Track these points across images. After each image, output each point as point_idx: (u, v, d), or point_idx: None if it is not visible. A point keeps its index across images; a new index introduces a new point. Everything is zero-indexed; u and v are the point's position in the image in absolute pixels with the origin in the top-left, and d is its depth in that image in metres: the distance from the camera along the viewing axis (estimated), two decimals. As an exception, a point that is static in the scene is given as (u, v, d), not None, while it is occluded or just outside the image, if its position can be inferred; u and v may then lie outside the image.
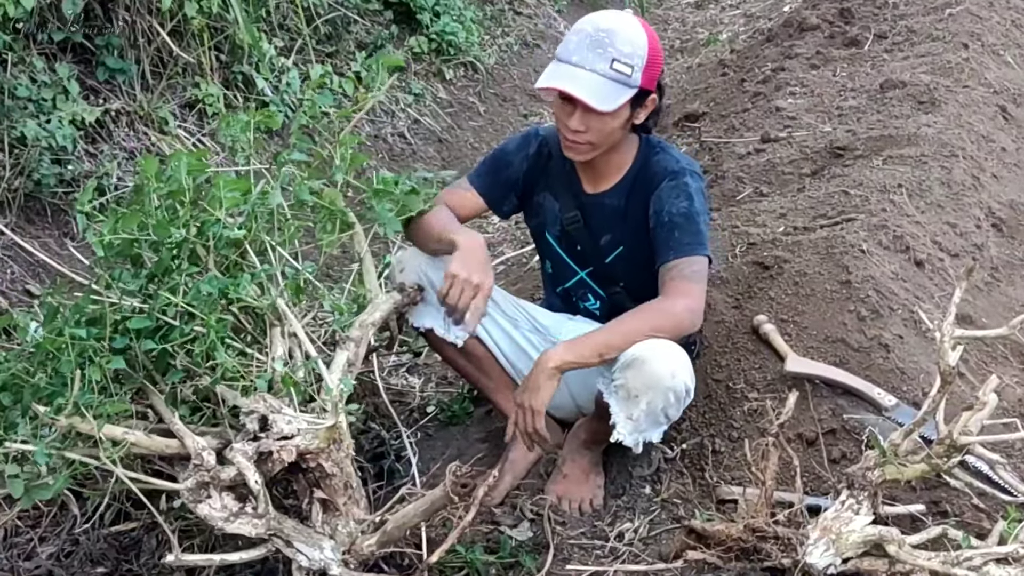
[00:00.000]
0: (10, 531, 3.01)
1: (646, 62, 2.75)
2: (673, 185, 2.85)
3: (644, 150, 2.96)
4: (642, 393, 2.72)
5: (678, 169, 2.87)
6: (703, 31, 8.46)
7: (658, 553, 2.75)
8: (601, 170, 2.97)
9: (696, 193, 2.84)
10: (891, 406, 3.00)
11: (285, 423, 2.41)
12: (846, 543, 2.46)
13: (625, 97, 2.75)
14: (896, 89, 5.09)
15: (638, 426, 2.78)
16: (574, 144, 2.84)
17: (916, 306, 3.37)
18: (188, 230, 2.59)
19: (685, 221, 2.79)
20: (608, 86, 2.73)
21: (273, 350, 2.54)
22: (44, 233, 4.41)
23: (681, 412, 2.86)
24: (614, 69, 2.72)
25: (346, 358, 2.64)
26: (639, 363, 2.70)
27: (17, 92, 4.46)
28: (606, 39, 2.73)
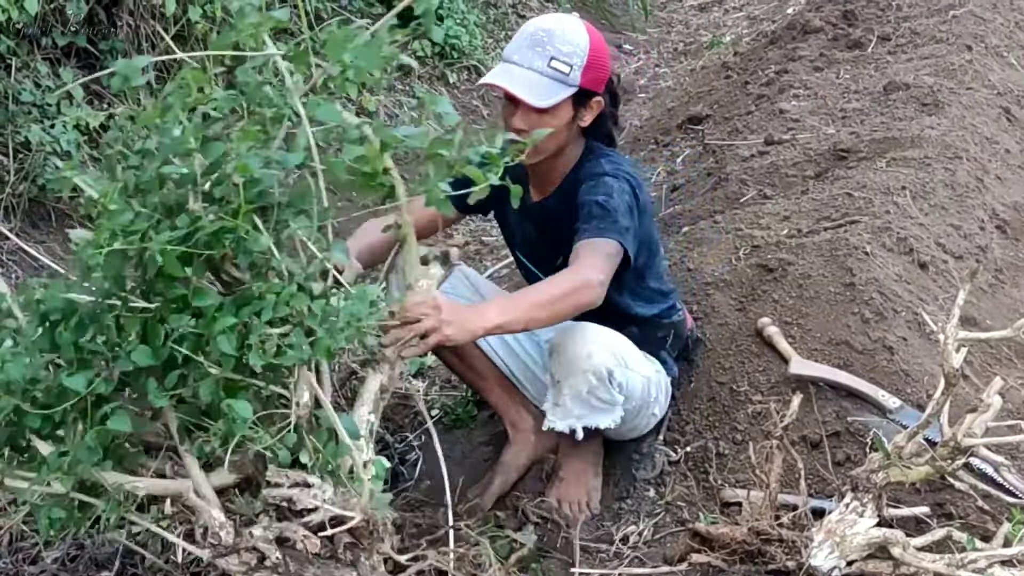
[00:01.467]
0: (15, 535, 3.01)
1: (586, 62, 2.75)
2: (593, 184, 2.81)
3: (584, 155, 2.93)
4: (563, 378, 2.78)
5: (601, 172, 2.84)
6: (706, 33, 8.45)
7: (662, 556, 2.75)
8: (547, 177, 2.95)
9: (619, 193, 2.77)
10: (895, 408, 3.00)
11: (311, 497, 2.28)
12: (850, 546, 2.46)
13: (562, 95, 2.74)
14: (900, 91, 5.08)
15: (568, 411, 2.81)
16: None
17: (920, 308, 3.36)
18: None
19: (600, 210, 2.73)
20: (545, 83, 2.73)
21: (298, 394, 2.29)
22: (49, 238, 4.43)
23: (624, 393, 2.82)
24: (552, 67, 2.73)
25: (379, 384, 2.44)
26: (559, 349, 2.77)
27: (21, 97, 4.49)
28: (545, 38, 2.75)
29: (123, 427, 2.20)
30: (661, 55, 8.20)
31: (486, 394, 3.18)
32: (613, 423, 2.85)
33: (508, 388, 3.14)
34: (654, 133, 5.99)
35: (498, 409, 3.18)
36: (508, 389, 3.14)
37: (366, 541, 2.32)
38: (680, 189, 4.96)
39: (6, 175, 4.36)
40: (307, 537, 2.26)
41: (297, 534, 2.26)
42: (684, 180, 5.07)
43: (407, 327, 2.39)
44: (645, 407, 2.97)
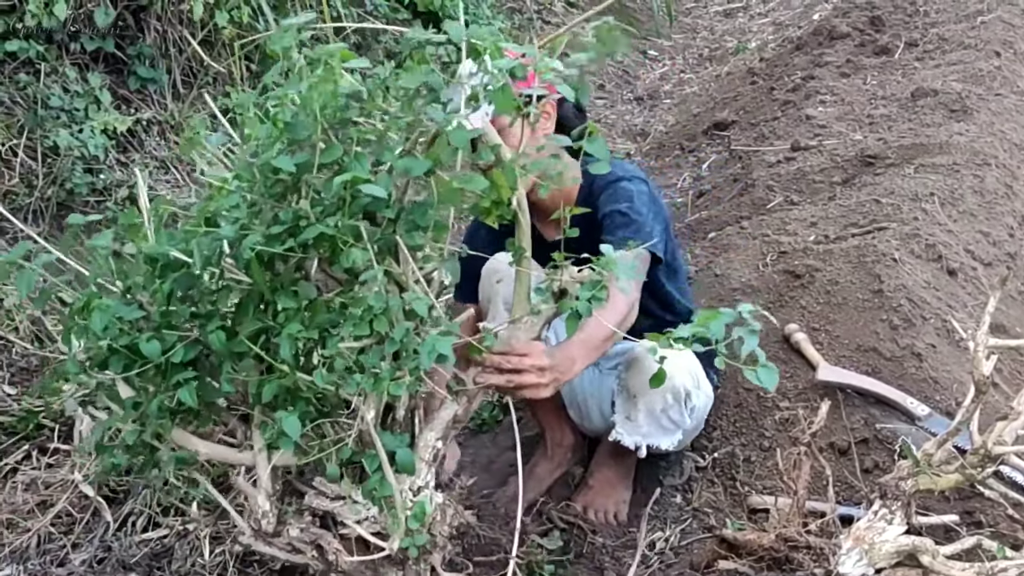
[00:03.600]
0: (43, 538, 3.04)
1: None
2: (610, 193, 2.79)
3: (587, 177, 2.83)
4: (640, 393, 2.77)
5: (612, 179, 2.79)
6: (732, 39, 8.44)
7: (689, 562, 2.74)
8: (549, 209, 2.75)
9: (637, 195, 2.76)
10: (924, 416, 2.99)
11: (353, 514, 2.28)
12: (879, 553, 2.45)
13: None
14: (927, 97, 5.07)
15: (637, 428, 2.82)
16: None
17: (949, 315, 3.35)
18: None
19: (623, 218, 2.72)
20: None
21: (362, 410, 2.20)
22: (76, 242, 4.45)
23: (691, 418, 2.86)
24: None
25: (453, 415, 2.35)
26: (638, 363, 2.76)
27: (50, 102, 4.52)
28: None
29: (189, 401, 2.19)
30: (686, 61, 8.19)
31: (537, 406, 3.15)
32: (672, 445, 2.87)
33: (558, 406, 3.13)
34: (680, 139, 5.99)
35: (542, 422, 3.18)
36: (557, 407, 3.13)
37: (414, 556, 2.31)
38: (706, 195, 4.96)
39: (35, 179, 4.39)
40: (339, 551, 2.27)
41: (331, 546, 2.27)
42: (710, 186, 5.07)
43: (505, 377, 2.33)
44: (698, 427, 3.00)
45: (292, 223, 2.07)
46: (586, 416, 3.11)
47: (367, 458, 2.22)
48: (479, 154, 2.18)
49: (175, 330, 2.21)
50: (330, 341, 2.11)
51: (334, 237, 2.05)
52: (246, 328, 2.16)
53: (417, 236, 2.17)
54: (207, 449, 2.35)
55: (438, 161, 2.11)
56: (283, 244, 2.06)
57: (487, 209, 2.22)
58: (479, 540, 2.54)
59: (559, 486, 3.11)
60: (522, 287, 2.39)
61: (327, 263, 2.19)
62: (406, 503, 2.25)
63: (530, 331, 2.37)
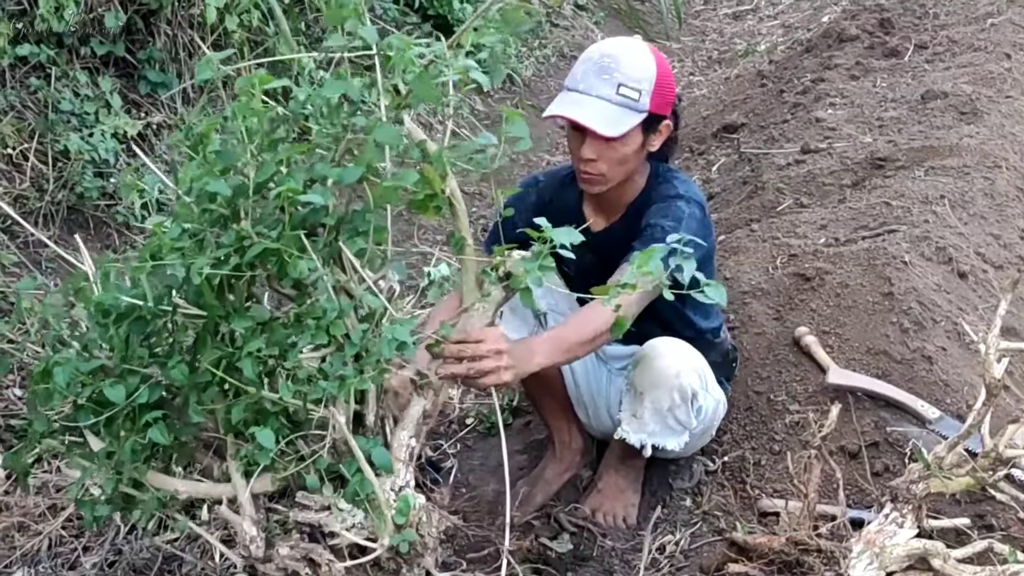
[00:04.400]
0: (54, 541, 3.04)
1: (654, 86, 2.69)
2: (664, 205, 2.77)
3: (651, 179, 2.88)
4: (647, 390, 2.76)
5: (674, 194, 2.79)
6: (741, 42, 8.44)
7: (699, 566, 2.74)
8: (612, 204, 2.90)
9: (689, 218, 2.73)
10: (935, 419, 2.98)
11: (339, 523, 2.26)
12: (890, 557, 2.44)
13: (633, 122, 2.69)
14: (937, 100, 5.05)
15: (643, 426, 2.81)
16: (588, 175, 2.77)
17: (960, 318, 3.34)
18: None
19: (664, 235, 2.57)
20: (615, 111, 2.67)
21: (333, 419, 2.23)
22: (87, 245, 4.45)
23: (699, 421, 2.85)
24: (620, 94, 2.66)
25: (422, 410, 2.37)
26: (647, 360, 2.76)
27: (61, 106, 4.53)
28: (611, 64, 2.68)
29: (161, 439, 2.22)
30: (695, 63, 8.19)
31: (545, 408, 3.16)
32: (679, 447, 2.86)
33: (566, 407, 3.13)
34: (689, 141, 5.98)
35: (551, 424, 3.17)
36: (566, 408, 3.13)
37: (405, 557, 2.31)
38: (716, 198, 4.95)
39: (45, 183, 4.40)
40: (332, 562, 2.25)
41: (322, 557, 2.26)
42: (720, 188, 5.06)
43: (465, 365, 2.35)
44: (708, 432, 2.99)
45: (236, 245, 2.12)
46: (595, 417, 3.11)
47: (345, 465, 2.25)
48: (408, 153, 2.25)
49: (137, 374, 2.24)
50: (291, 354, 2.15)
51: (278, 251, 2.10)
52: (207, 357, 2.19)
53: (359, 241, 2.23)
54: (185, 487, 2.36)
55: (370, 166, 2.17)
56: (230, 266, 2.11)
57: (423, 202, 2.27)
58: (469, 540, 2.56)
59: (568, 489, 3.11)
60: (470, 276, 2.42)
61: (276, 280, 2.23)
62: (389, 501, 2.26)
63: (483, 317, 2.40)
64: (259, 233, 2.13)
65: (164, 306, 2.24)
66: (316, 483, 2.25)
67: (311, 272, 2.15)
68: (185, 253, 2.14)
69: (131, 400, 2.22)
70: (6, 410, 3.53)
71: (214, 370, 2.17)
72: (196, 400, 2.24)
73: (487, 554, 2.68)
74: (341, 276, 2.26)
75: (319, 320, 2.16)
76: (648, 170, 2.90)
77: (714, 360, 2.97)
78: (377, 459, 2.26)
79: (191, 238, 2.17)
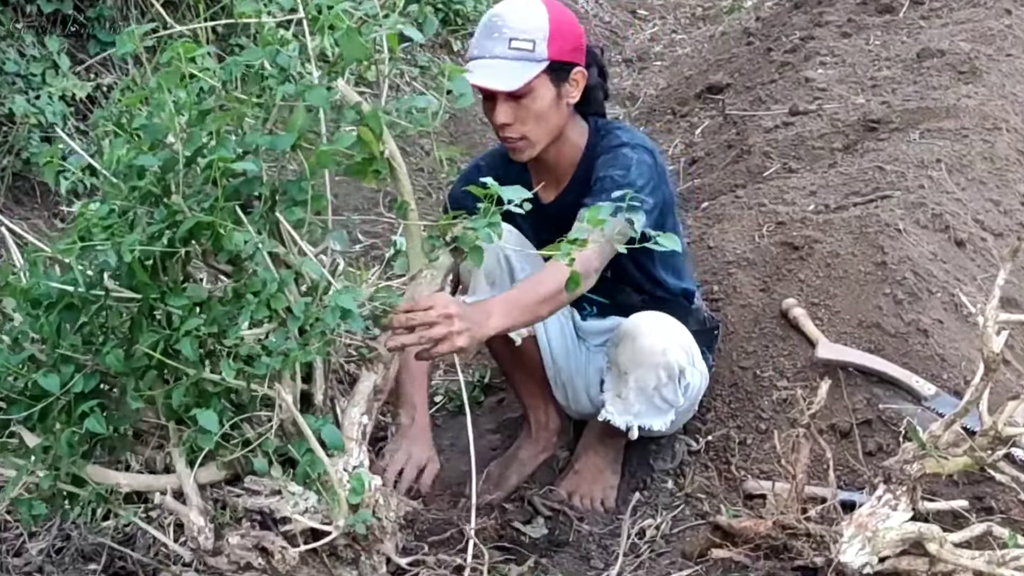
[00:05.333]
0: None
1: (549, 34, 2.71)
2: (610, 156, 2.79)
3: (593, 137, 2.89)
4: (631, 370, 2.76)
5: (617, 143, 2.81)
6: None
7: (681, 551, 2.73)
8: (552, 168, 2.90)
9: (638, 164, 2.75)
10: (930, 395, 2.98)
11: (290, 507, 2.26)
12: (883, 541, 2.42)
13: (532, 73, 2.69)
14: (934, 58, 5.04)
15: (628, 406, 2.80)
16: (510, 141, 2.78)
17: (957, 289, 3.34)
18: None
19: (614, 185, 2.67)
20: (510, 66, 2.70)
21: (280, 398, 2.23)
22: (33, 214, 4.44)
23: (685, 398, 2.84)
24: (513, 48, 2.70)
25: (372, 385, 2.39)
26: (630, 338, 2.75)
27: (5, 67, 4.52)
28: (499, 22, 2.74)
29: (98, 429, 2.22)
30: (678, 20, 8.17)
31: (520, 387, 3.16)
32: (665, 426, 2.86)
33: (543, 386, 3.12)
34: (671, 103, 5.99)
35: (527, 403, 3.16)
36: (543, 387, 3.12)
37: (363, 543, 2.31)
38: (699, 162, 4.96)
39: (-11, 149, 4.38)
40: (285, 548, 2.24)
41: (275, 544, 2.24)
42: (703, 153, 5.06)
43: (416, 333, 2.34)
44: (691, 409, 2.99)
45: (168, 220, 2.12)
46: (572, 398, 3.09)
47: (294, 445, 2.25)
48: (343, 115, 2.27)
49: (71, 363, 2.24)
50: (231, 331, 2.16)
51: (212, 224, 2.11)
52: (144, 340, 2.17)
53: (297, 211, 2.24)
54: (128, 480, 2.36)
55: (303, 133, 2.19)
56: (162, 243, 2.11)
57: (361, 166, 2.28)
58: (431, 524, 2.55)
59: (543, 471, 3.10)
60: (415, 241, 2.43)
61: (212, 256, 2.23)
62: (342, 481, 2.26)
63: (432, 284, 2.41)
64: (191, 208, 2.12)
65: (96, 291, 2.23)
66: (264, 466, 2.24)
67: (247, 244, 2.14)
68: (115, 232, 2.12)
69: (66, 389, 2.22)
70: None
71: (152, 352, 2.15)
72: (134, 387, 2.23)
73: (450, 536, 2.67)
74: (280, 249, 2.26)
75: (258, 294, 2.15)
76: (587, 128, 2.91)
77: (694, 330, 2.96)
78: (327, 437, 2.27)
79: (120, 216, 2.16)
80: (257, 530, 2.27)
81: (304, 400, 2.34)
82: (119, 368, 2.21)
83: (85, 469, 2.30)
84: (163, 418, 2.30)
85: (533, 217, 2.59)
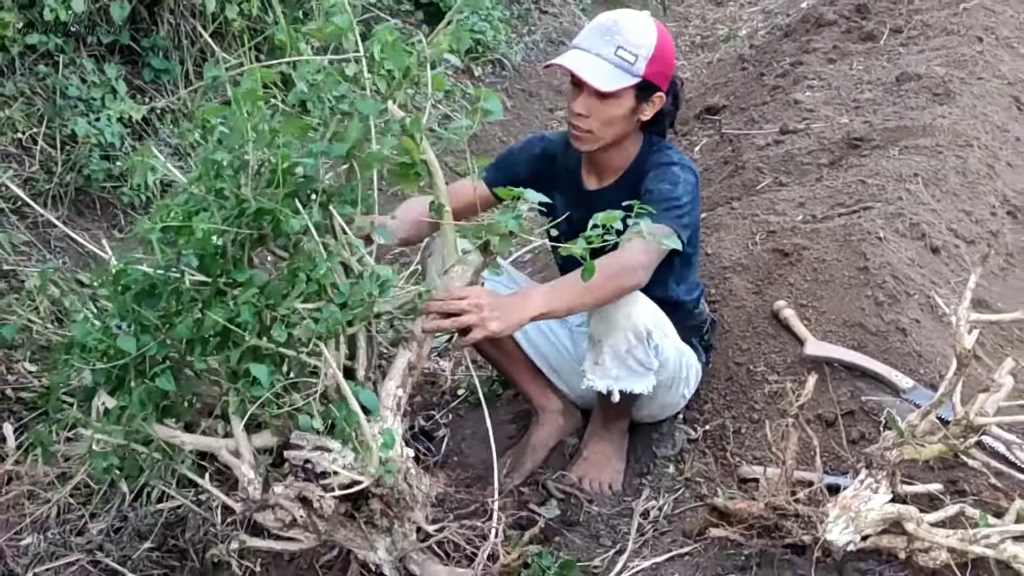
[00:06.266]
0: (63, 508, 3.03)
1: (652, 54, 2.73)
2: (661, 171, 2.80)
3: (645, 149, 2.91)
4: (604, 337, 2.75)
5: (667, 161, 2.83)
6: (722, 27, 8.39)
7: (682, 530, 2.73)
8: (603, 166, 2.93)
9: (683, 183, 2.78)
10: (908, 388, 2.96)
11: (329, 462, 2.29)
12: (865, 521, 2.42)
13: (626, 83, 2.72)
14: (912, 82, 5.02)
15: (606, 371, 2.78)
16: (577, 130, 2.80)
17: (932, 291, 3.32)
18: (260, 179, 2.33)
19: (662, 199, 2.71)
20: (610, 69, 2.71)
21: (325, 366, 2.30)
22: (93, 225, 4.45)
23: (659, 360, 2.79)
24: (618, 55, 2.71)
25: (407, 362, 2.44)
26: (601, 310, 2.74)
27: (68, 92, 4.52)
28: (614, 28, 2.74)
29: (168, 386, 2.33)
30: (679, 48, 8.14)
31: (515, 377, 3.15)
32: (646, 389, 2.82)
33: (535, 373, 3.11)
34: (673, 123, 5.94)
35: (526, 392, 3.15)
36: (535, 374, 3.12)
37: (396, 509, 2.33)
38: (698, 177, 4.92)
39: (54, 166, 4.39)
40: (323, 497, 2.28)
41: (314, 494, 2.28)
42: (702, 168, 5.03)
43: (449, 320, 2.40)
44: (676, 383, 2.94)
45: (237, 208, 2.26)
46: (568, 383, 3.10)
47: (336, 406, 2.31)
48: (389, 127, 2.41)
49: (148, 332, 2.35)
50: (284, 303, 2.26)
51: (274, 210, 2.25)
52: (214, 311, 2.27)
53: (348, 208, 2.40)
54: (191, 439, 2.42)
55: (356, 143, 2.33)
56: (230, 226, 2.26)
57: (404, 170, 2.41)
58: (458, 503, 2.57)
59: (555, 457, 3.09)
60: (450, 240, 2.51)
61: (272, 240, 2.36)
62: (375, 436, 2.29)
63: (463, 278, 2.48)
64: (256, 200, 2.26)
65: (173, 272, 2.35)
66: (308, 423, 2.29)
67: (302, 230, 2.27)
68: (190, 215, 2.25)
69: (141, 352, 2.32)
70: (17, 383, 3.50)
71: (219, 319, 2.25)
72: (200, 352, 2.33)
73: (473, 511, 2.69)
74: (331, 242, 2.37)
75: (311, 272, 2.26)
76: (641, 141, 2.92)
77: (691, 325, 2.99)
78: (365, 401, 2.33)
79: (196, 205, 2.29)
80: (300, 482, 2.31)
81: (347, 374, 2.40)
82: (188, 335, 2.30)
83: (153, 426, 2.37)
84: (224, 380, 2.37)
85: (572, 196, 2.72)
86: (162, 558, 2.90)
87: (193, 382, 2.44)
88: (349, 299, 2.30)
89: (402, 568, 2.40)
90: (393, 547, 2.38)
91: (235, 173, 2.30)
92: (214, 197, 2.30)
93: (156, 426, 2.40)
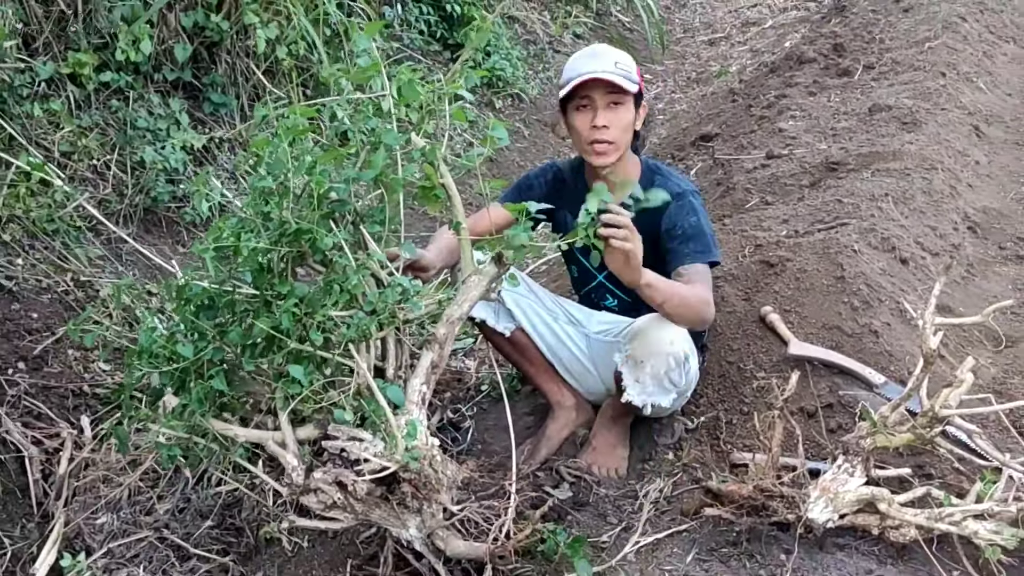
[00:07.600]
0: (133, 491, 3.06)
1: (636, 70, 2.83)
2: (680, 205, 2.81)
3: (648, 173, 2.93)
4: (646, 359, 2.74)
5: (682, 191, 2.84)
6: (715, 64, 8.38)
7: (680, 510, 2.73)
8: (608, 185, 2.90)
9: (700, 209, 2.84)
10: (881, 384, 2.96)
11: (361, 450, 2.30)
12: (842, 501, 2.43)
13: (633, 87, 2.79)
14: (883, 112, 5.02)
15: (645, 388, 2.78)
16: (601, 143, 2.80)
17: (901, 298, 3.32)
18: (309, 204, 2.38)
19: (696, 233, 2.77)
20: (620, 78, 2.77)
21: (357, 366, 2.33)
22: (160, 241, 4.48)
23: (685, 380, 2.81)
24: (618, 68, 2.78)
25: (430, 361, 2.44)
26: (643, 334, 2.75)
27: (137, 123, 4.56)
28: (601, 52, 2.84)
29: (222, 386, 2.37)
30: (676, 83, 8.14)
31: (533, 376, 3.14)
32: (670, 404, 2.84)
33: (550, 371, 3.11)
34: (671, 149, 5.96)
35: (542, 388, 3.14)
36: (551, 372, 3.11)
37: (423, 491, 2.34)
38: (693, 197, 4.91)
39: (125, 189, 4.42)
40: (356, 481, 2.29)
41: (348, 479, 2.29)
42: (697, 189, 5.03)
43: (612, 229, 2.43)
44: (688, 393, 2.96)
45: (279, 229, 2.32)
46: (581, 382, 3.11)
47: (367, 403, 2.32)
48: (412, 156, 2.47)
49: (205, 339, 2.41)
50: (321, 310, 2.30)
51: (311, 230, 2.30)
52: (262, 321, 2.32)
53: (376, 227, 2.47)
54: (244, 432, 2.45)
55: (383, 170, 2.38)
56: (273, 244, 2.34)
57: (425, 191, 2.45)
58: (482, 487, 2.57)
59: (567, 445, 3.08)
60: (467, 253, 2.52)
61: (309, 256, 2.40)
62: (401, 427, 2.30)
63: (479, 287, 2.48)
64: (296, 221, 2.32)
65: (226, 287, 2.40)
66: (343, 416, 2.31)
67: (335, 247, 2.32)
68: (240, 235, 2.31)
69: (199, 356, 2.37)
70: (93, 380, 3.54)
71: (265, 327, 2.29)
72: (249, 356, 2.38)
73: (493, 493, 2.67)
74: (362, 256, 2.40)
75: (343, 283, 2.30)
76: (638, 161, 2.95)
77: (695, 332, 2.94)
78: (392, 396, 2.35)
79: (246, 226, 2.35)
80: (336, 467, 2.33)
81: (379, 373, 2.44)
82: (241, 341, 2.35)
83: (210, 421, 2.41)
84: (271, 380, 2.40)
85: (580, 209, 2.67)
86: (221, 535, 2.93)
87: (245, 382, 2.47)
88: (377, 307, 2.34)
89: (430, 543, 2.40)
90: (423, 525, 2.38)
91: (279, 198, 2.36)
92: (261, 220, 2.36)
93: (213, 421, 2.42)
